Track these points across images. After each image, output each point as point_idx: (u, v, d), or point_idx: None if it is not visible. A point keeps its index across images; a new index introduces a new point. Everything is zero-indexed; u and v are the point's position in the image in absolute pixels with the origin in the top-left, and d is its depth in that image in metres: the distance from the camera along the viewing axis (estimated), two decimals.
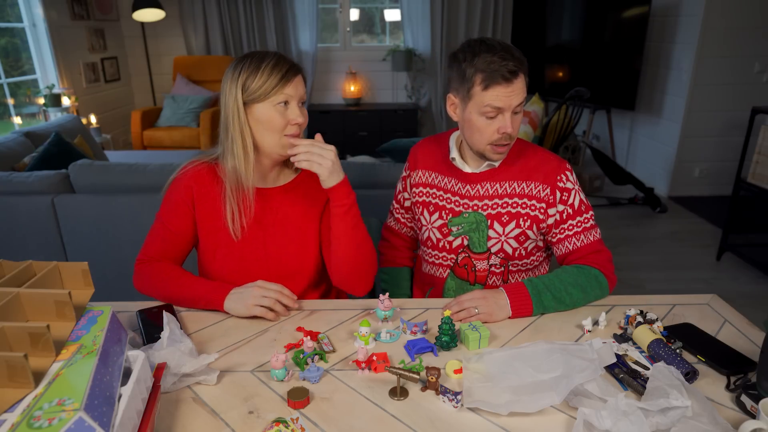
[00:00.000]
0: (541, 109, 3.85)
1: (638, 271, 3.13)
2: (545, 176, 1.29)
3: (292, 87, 1.18)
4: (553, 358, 0.95)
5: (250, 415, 0.89)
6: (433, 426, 0.87)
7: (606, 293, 1.27)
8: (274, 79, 1.16)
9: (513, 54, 1.19)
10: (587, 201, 1.31)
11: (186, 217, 1.27)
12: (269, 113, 1.17)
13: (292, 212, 1.30)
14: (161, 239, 1.28)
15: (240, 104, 1.17)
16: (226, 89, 1.18)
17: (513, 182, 1.31)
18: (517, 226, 1.31)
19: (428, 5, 5.27)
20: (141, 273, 1.27)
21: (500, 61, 1.17)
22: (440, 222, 1.39)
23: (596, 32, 4.70)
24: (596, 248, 1.29)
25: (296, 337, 1.12)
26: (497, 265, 1.36)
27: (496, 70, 1.18)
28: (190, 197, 1.27)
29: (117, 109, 5.24)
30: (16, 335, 0.73)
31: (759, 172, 2.91)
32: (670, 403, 0.81)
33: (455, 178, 1.36)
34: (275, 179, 1.31)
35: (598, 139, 5.24)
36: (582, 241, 1.29)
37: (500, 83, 1.18)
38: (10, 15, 4.06)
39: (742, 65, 4.00)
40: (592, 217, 1.31)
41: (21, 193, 2.22)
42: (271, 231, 1.29)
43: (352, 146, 5.35)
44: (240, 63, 1.18)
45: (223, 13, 5.31)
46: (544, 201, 1.29)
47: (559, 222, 1.30)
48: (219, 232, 1.27)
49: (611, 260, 1.29)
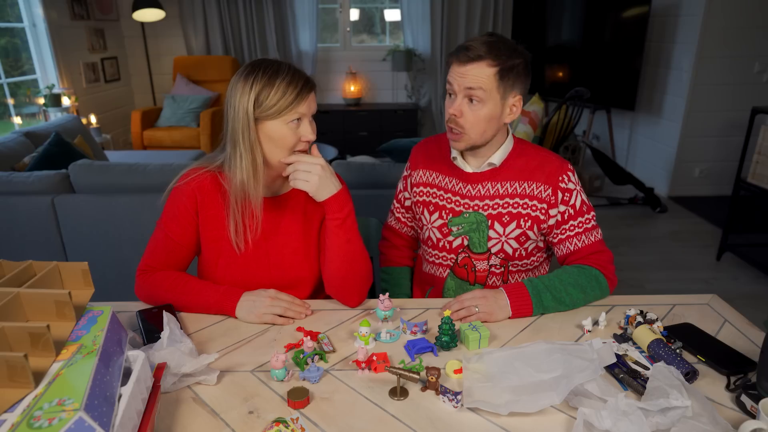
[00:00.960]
0: (541, 109, 3.85)
1: (638, 271, 3.13)
2: (547, 177, 1.29)
3: (306, 105, 1.14)
4: (553, 358, 0.95)
5: (250, 415, 0.89)
6: (433, 426, 0.87)
7: (606, 293, 1.27)
8: (289, 97, 1.11)
9: (491, 46, 1.18)
10: (588, 201, 1.31)
11: (189, 227, 1.24)
12: (281, 131, 1.13)
13: (295, 220, 1.28)
14: (163, 249, 1.25)
15: (251, 119, 1.12)
16: (236, 101, 1.12)
17: (514, 182, 1.30)
18: (518, 226, 1.31)
19: (428, 5, 5.27)
20: (144, 283, 1.24)
21: (473, 42, 1.19)
22: (440, 222, 1.39)
23: (596, 32, 4.70)
24: (597, 249, 1.29)
25: (296, 337, 1.12)
26: (497, 265, 1.36)
27: (461, 46, 1.20)
28: (193, 205, 1.23)
29: (117, 109, 5.24)
30: (16, 335, 0.73)
31: (759, 172, 2.91)
32: (670, 403, 0.81)
33: (456, 178, 1.36)
34: (279, 188, 1.29)
35: (598, 139, 5.24)
36: (583, 242, 1.29)
37: (455, 59, 1.21)
38: (10, 15, 4.06)
39: (742, 65, 4.00)
40: (593, 217, 1.31)
41: (21, 193, 2.22)
42: (273, 240, 1.27)
43: (352, 146, 5.35)
44: (251, 74, 1.12)
45: (223, 13, 5.31)
46: (545, 201, 1.29)
47: (560, 222, 1.30)
48: (221, 241, 1.25)
49: (612, 261, 1.29)
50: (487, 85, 1.19)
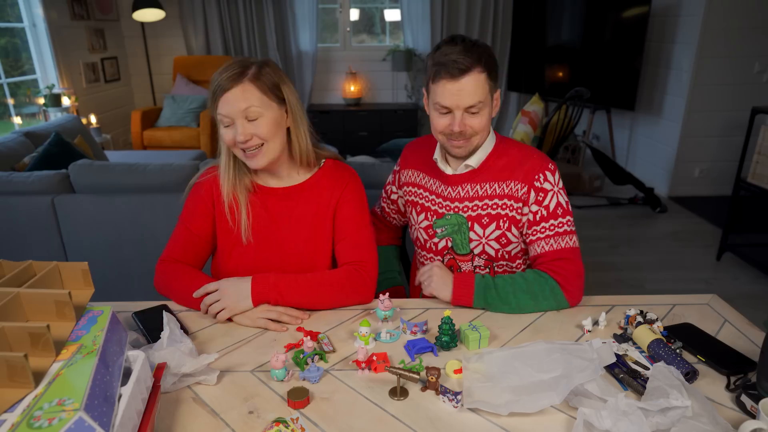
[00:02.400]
0: (541, 109, 3.85)
1: (638, 271, 3.13)
2: (524, 175, 1.26)
3: (226, 105, 1.14)
4: (553, 357, 0.95)
5: (250, 415, 0.89)
6: (433, 426, 0.87)
7: (564, 306, 1.21)
8: (210, 97, 1.17)
9: (472, 52, 1.15)
10: (567, 205, 1.27)
11: (207, 218, 1.30)
12: (221, 130, 1.19)
13: (305, 211, 1.30)
14: (183, 241, 1.30)
15: (216, 117, 1.19)
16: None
17: (494, 183, 1.29)
18: (497, 227, 1.30)
19: (428, 5, 5.27)
20: (160, 273, 1.28)
21: (454, 54, 1.14)
22: (426, 223, 1.39)
23: (596, 32, 4.70)
24: (565, 256, 1.22)
25: (296, 337, 1.12)
26: (481, 266, 1.36)
27: (443, 63, 1.15)
28: (210, 198, 1.29)
29: (117, 109, 5.23)
30: (16, 335, 0.73)
31: (759, 172, 2.91)
32: (670, 403, 0.81)
33: (438, 180, 1.36)
34: (288, 178, 1.30)
35: (598, 139, 5.24)
36: (551, 246, 1.24)
37: (444, 77, 1.16)
38: (10, 15, 4.06)
39: (742, 65, 4.00)
40: (569, 222, 1.25)
41: (21, 193, 2.22)
42: (285, 230, 1.29)
43: (352, 146, 5.35)
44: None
45: (223, 13, 5.31)
46: (520, 200, 1.27)
47: (531, 223, 1.27)
48: (234, 232, 1.28)
49: (580, 275, 1.22)
50: (483, 92, 1.18)
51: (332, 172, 1.32)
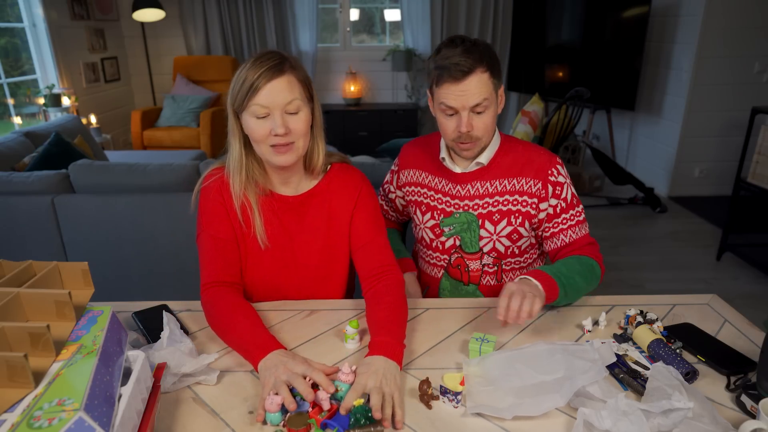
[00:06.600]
0: (541, 109, 3.84)
1: (638, 271, 3.13)
2: (536, 171, 1.29)
3: (267, 95, 1.06)
4: (555, 358, 0.95)
5: (250, 415, 0.89)
6: (433, 426, 0.87)
7: (597, 283, 1.28)
8: (245, 86, 1.06)
9: (472, 52, 1.15)
10: (577, 195, 1.34)
11: (227, 220, 1.20)
12: (248, 123, 1.09)
13: (318, 218, 1.24)
14: (217, 254, 1.18)
15: (231, 112, 1.12)
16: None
17: (504, 180, 1.31)
18: (509, 223, 1.31)
19: (428, 5, 5.27)
20: (205, 304, 1.14)
21: (455, 57, 1.15)
22: (432, 222, 1.39)
23: (596, 32, 4.70)
24: (589, 240, 1.32)
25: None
26: (490, 264, 1.36)
27: (445, 66, 1.16)
28: (221, 201, 1.20)
29: (117, 109, 5.23)
30: (16, 335, 0.72)
31: (759, 172, 2.91)
32: (672, 404, 0.81)
33: (445, 179, 1.36)
34: (297, 186, 1.23)
35: (598, 139, 5.24)
36: (577, 234, 1.31)
37: (448, 80, 1.17)
38: (10, 15, 4.06)
39: (742, 65, 4.00)
40: (583, 210, 1.33)
41: (21, 193, 2.22)
42: (299, 238, 1.24)
43: (352, 146, 5.34)
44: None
45: (223, 13, 5.31)
46: (536, 196, 1.29)
47: (552, 216, 1.31)
48: (247, 240, 1.22)
49: (600, 251, 1.33)
50: (488, 90, 1.19)
51: (341, 176, 1.26)
